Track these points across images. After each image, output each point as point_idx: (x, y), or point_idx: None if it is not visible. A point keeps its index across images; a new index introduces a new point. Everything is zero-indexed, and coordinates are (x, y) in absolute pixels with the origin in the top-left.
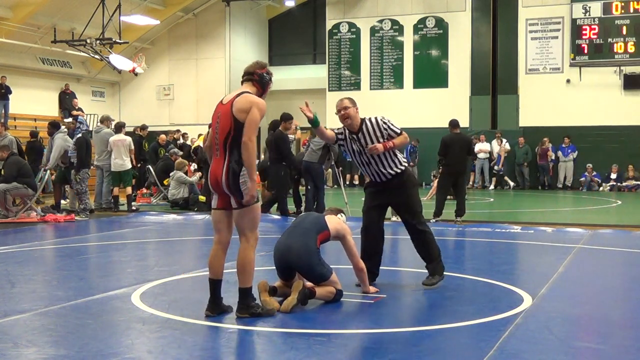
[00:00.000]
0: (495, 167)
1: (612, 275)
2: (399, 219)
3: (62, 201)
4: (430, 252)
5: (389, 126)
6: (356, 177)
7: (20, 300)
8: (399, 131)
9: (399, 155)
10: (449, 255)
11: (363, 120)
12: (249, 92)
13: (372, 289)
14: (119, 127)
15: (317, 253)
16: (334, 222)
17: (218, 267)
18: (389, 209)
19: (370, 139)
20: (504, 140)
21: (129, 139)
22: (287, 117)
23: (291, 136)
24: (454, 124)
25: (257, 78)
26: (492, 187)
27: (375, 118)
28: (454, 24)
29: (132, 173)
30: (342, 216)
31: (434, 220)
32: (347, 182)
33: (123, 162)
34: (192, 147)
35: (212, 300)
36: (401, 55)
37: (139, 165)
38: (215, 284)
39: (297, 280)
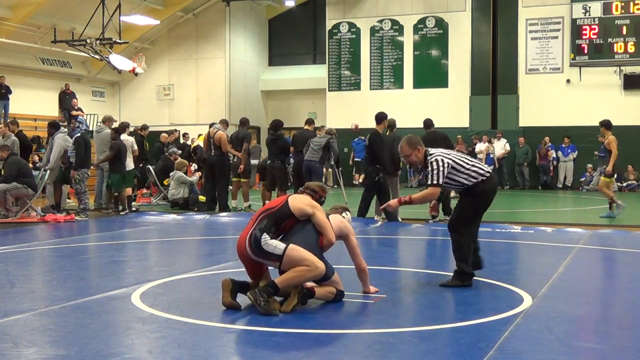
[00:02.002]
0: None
1: (612, 275)
2: (400, 219)
3: (68, 200)
4: (455, 256)
5: (429, 171)
6: (356, 176)
7: (20, 300)
8: (429, 182)
9: (469, 173)
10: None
11: (426, 156)
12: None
13: (372, 288)
14: (123, 128)
15: (319, 252)
16: (336, 221)
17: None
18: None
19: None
20: (505, 141)
21: (131, 139)
22: (383, 117)
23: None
24: (427, 124)
25: (317, 197)
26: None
27: (435, 160)
28: (454, 24)
29: (133, 173)
30: (347, 214)
31: (432, 222)
32: (357, 182)
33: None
34: (192, 147)
35: (234, 289)
36: (401, 55)
37: (140, 165)
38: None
39: None
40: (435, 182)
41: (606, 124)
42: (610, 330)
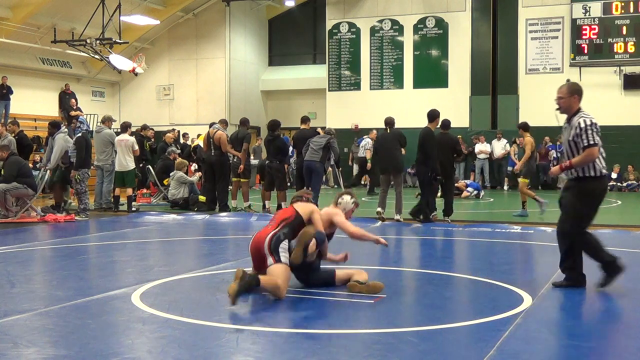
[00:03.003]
0: (509, 168)
1: None
2: (401, 219)
3: (70, 200)
4: (592, 258)
5: (581, 133)
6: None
7: (20, 300)
8: (585, 143)
9: (597, 161)
10: (449, 256)
11: (576, 112)
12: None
13: (381, 239)
14: (125, 127)
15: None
16: (325, 211)
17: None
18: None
19: (568, 134)
20: (505, 141)
21: (132, 139)
22: (435, 115)
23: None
24: (445, 124)
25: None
26: (506, 187)
27: (583, 119)
28: (454, 24)
29: (134, 173)
30: (343, 199)
31: (433, 219)
32: (364, 183)
33: (125, 162)
34: (192, 147)
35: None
36: (401, 55)
37: (140, 165)
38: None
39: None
40: (592, 142)
41: (524, 126)
42: (610, 330)
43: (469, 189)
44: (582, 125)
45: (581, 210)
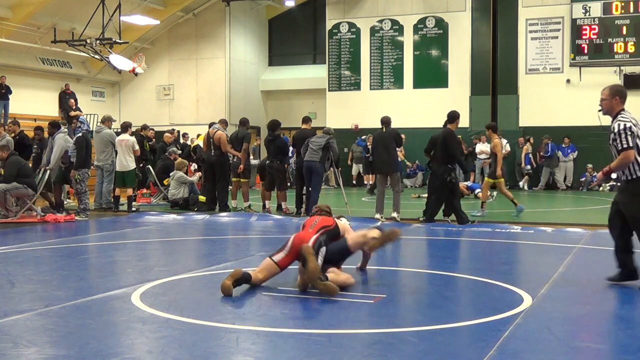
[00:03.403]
0: (528, 167)
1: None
2: (399, 218)
3: (67, 200)
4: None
5: (616, 137)
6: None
7: (20, 300)
8: (620, 147)
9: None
10: (449, 255)
11: (617, 115)
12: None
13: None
14: (125, 127)
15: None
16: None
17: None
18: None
19: (608, 136)
20: (505, 141)
21: (132, 139)
22: (456, 116)
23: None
24: (451, 116)
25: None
26: (524, 185)
27: (618, 123)
28: (454, 24)
29: (134, 173)
30: (343, 220)
31: (421, 218)
32: (367, 183)
33: (126, 162)
34: (192, 147)
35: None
36: (401, 55)
37: (141, 165)
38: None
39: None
40: (625, 145)
41: (492, 127)
42: (610, 330)
43: (476, 190)
44: (617, 129)
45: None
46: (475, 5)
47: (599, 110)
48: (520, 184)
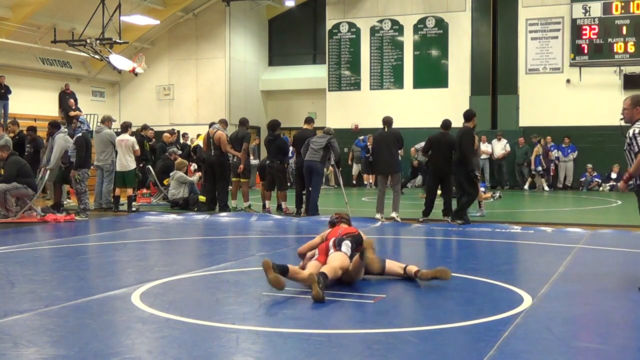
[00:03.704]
0: (539, 168)
1: (612, 275)
2: (399, 219)
3: (67, 200)
4: None
5: (631, 142)
6: (365, 176)
7: (20, 300)
8: (636, 150)
9: None
10: (449, 255)
11: (637, 121)
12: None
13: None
14: (125, 127)
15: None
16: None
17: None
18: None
19: (624, 142)
20: (505, 141)
21: (132, 138)
22: (472, 114)
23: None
24: (446, 124)
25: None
26: (542, 185)
27: (633, 129)
28: (454, 24)
29: (134, 173)
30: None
31: (421, 220)
32: (367, 183)
33: (126, 162)
34: (192, 147)
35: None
36: (401, 55)
37: (141, 165)
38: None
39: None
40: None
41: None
42: (610, 330)
43: (481, 189)
44: (632, 134)
45: None
46: (475, 5)
47: (621, 119)
48: (526, 186)
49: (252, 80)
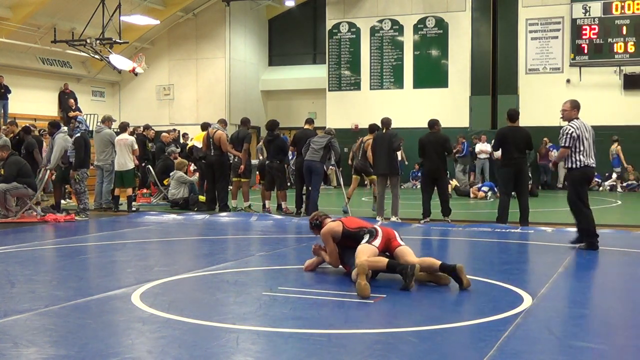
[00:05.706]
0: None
1: (612, 275)
2: (398, 219)
3: (63, 201)
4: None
5: (562, 136)
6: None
7: (20, 300)
8: (561, 144)
9: (575, 156)
10: (449, 255)
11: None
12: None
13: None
14: (123, 127)
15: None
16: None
17: None
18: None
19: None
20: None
21: (131, 138)
22: (517, 114)
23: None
24: (431, 123)
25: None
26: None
27: (567, 126)
28: (454, 24)
29: (133, 173)
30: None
31: (423, 221)
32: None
33: (124, 161)
34: (188, 147)
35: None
36: (401, 55)
37: (142, 165)
38: None
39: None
40: (564, 144)
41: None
42: (610, 330)
43: (484, 188)
44: (566, 131)
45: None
46: (475, 5)
47: (560, 117)
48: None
49: (252, 80)
